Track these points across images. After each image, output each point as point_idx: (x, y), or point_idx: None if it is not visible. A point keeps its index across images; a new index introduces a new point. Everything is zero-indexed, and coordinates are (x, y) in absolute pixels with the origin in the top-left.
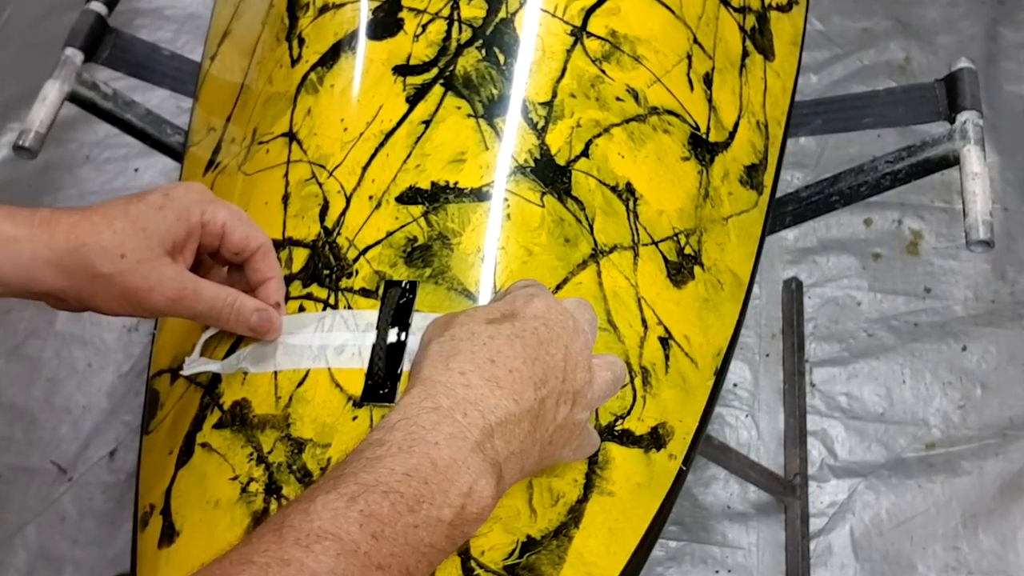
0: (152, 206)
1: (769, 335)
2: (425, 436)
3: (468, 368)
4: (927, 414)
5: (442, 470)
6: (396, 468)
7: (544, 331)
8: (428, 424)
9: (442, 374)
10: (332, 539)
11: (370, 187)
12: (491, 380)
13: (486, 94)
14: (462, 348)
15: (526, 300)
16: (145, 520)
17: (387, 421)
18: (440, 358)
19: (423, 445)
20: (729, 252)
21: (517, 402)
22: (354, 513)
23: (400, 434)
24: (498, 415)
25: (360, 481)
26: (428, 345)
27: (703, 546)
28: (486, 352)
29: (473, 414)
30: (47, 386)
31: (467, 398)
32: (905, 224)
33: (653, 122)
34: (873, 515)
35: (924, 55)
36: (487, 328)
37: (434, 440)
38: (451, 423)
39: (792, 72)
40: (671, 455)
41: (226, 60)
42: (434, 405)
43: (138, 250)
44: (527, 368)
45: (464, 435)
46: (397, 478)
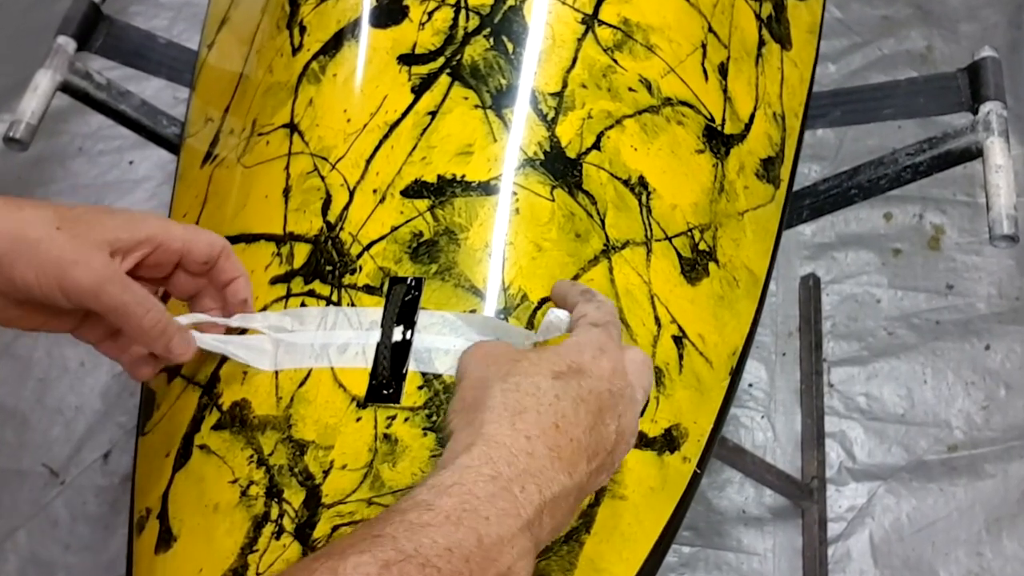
0: (103, 209)
1: (786, 333)
2: (477, 508)
3: (534, 432)
4: (949, 415)
5: (486, 548)
6: (439, 540)
7: (607, 398)
8: (483, 495)
9: (507, 435)
10: None
11: (374, 180)
12: (554, 450)
13: (494, 84)
14: (527, 405)
15: (594, 356)
16: (141, 525)
17: (440, 480)
18: (506, 413)
19: (473, 518)
20: (745, 248)
21: (571, 476)
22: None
23: (452, 501)
24: (553, 491)
25: (398, 547)
26: (489, 389)
27: (718, 552)
28: (551, 415)
29: (531, 488)
30: (38, 386)
31: (528, 469)
32: (926, 218)
33: (667, 113)
34: (893, 520)
35: (946, 44)
36: (553, 385)
37: (485, 515)
38: (507, 498)
39: (810, 61)
40: (685, 458)
41: (224, 48)
42: (493, 473)
43: (75, 229)
44: (585, 438)
45: (518, 512)
46: (438, 552)
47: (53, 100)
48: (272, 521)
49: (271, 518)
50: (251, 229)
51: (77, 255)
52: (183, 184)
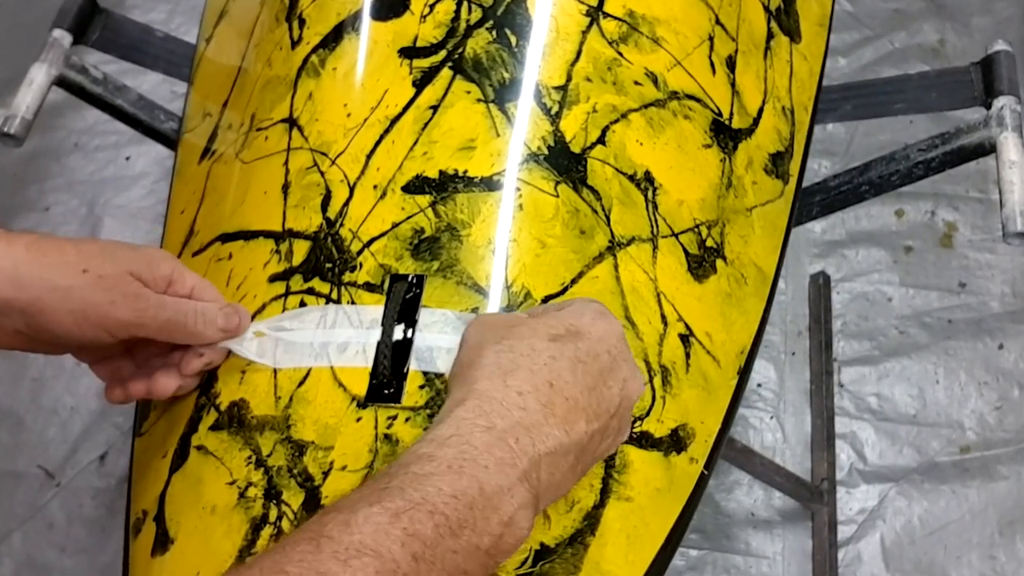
0: (124, 244)
1: (795, 332)
2: (476, 457)
3: (526, 388)
4: (962, 416)
5: (488, 496)
6: (444, 488)
7: (607, 359)
8: (480, 445)
9: (499, 390)
10: (372, 555)
11: (375, 176)
12: (547, 406)
13: (497, 78)
14: (521, 364)
15: (593, 318)
16: (137, 527)
17: (438, 434)
18: (498, 371)
19: (473, 467)
20: (753, 245)
21: (568, 433)
22: (397, 531)
23: (451, 451)
24: (548, 445)
25: (406, 497)
26: (483, 350)
27: (726, 555)
28: (546, 373)
29: (525, 441)
30: (33, 386)
31: (521, 422)
32: (939, 215)
33: (673, 107)
34: (905, 522)
35: (959, 37)
36: (549, 347)
37: (484, 463)
38: (503, 447)
39: (820, 55)
40: (692, 458)
41: (223, 42)
42: (488, 424)
43: (102, 267)
44: (583, 398)
45: (514, 462)
46: (444, 499)
47: (48, 94)
48: (271, 523)
49: (270, 520)
50: (250, 226)
51: (112, 294)
52: (181, 180)
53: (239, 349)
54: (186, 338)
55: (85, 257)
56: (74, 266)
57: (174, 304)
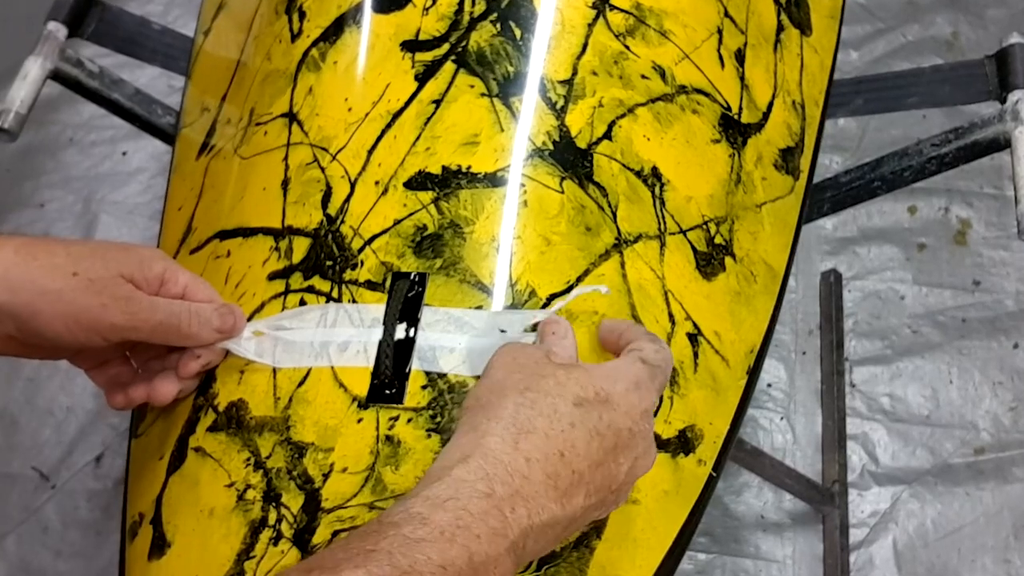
0: (115, 245)
1: (806, 331)
2: (471, 525)
3: (536, 456)
4: (976, 416)
5: (475, 566)
6: (433, 557)
7: (625, 436)
8: (476, 512)
9: (508, 453)
10: None
11: (376, 172)
12: (551, 477)
13: (501, 71)
14: (538, 427)
15: (627, 389)
16: (134, 530)
17: (435, 493)
18: (512, 430)
19: (465, 536)
20: (763, 242)
21: (564, 507)
22: None
23: (447, 516)
24: (543, 518)
25: (394, 563)
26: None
27: (735, 559)
28: (560, 442)
29: (520, 512)
30: (28, 387)
31: (521, 492)
32: (952, 212)
33: (681, 102)
34: (918, 525)
35: (973, 30)
36: (572, 412)
37: (477, 532)
38: (498, 517)
39: (831, 48)
40: (700, 460)
41: (221, 35)
42: (487, 491)
43: (93, 270)
44: (589, 473)
45: (505, 532)
46: (432, 569)
47: (43, 88)
48: (270, 526)
49: (269, 523)
50: (249, 223)
51: (103, 297)
52: (178, 176)
53: (237, 349)
54: (180, 340)
55: (75, 260)
56: (64, 269)
57: (166, 306)
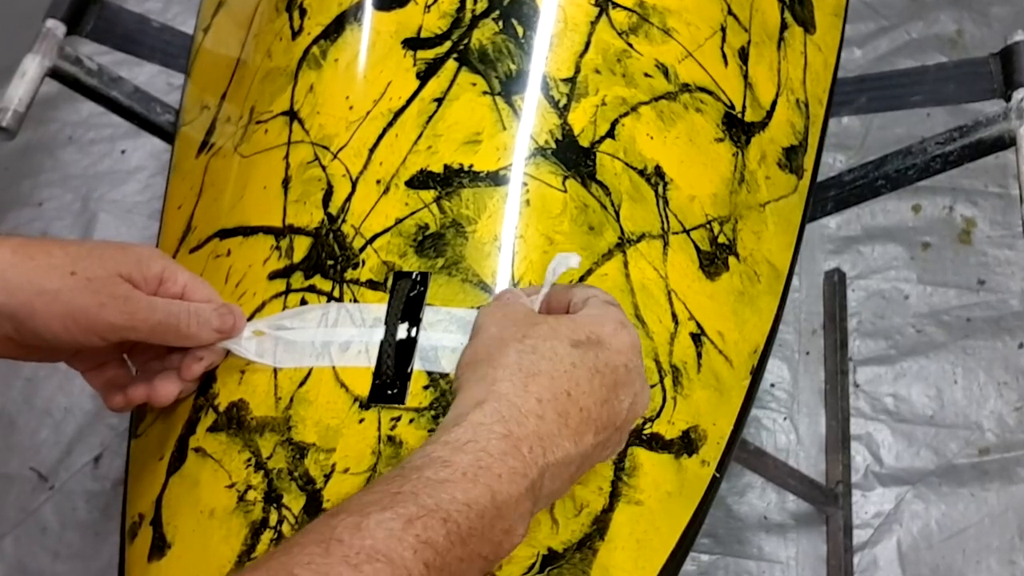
0: (113, 244)
1: (809, 331)
2: (491, 466)
3: (546, 396)
4: (980, 417)
5: (498, 506)
6: (458, 496)
7: (623, 372)
8: (496, 453)
9: (519, 395)
10: (384, 561)
11: (378, 170)
12: (562, 416)
13: (503, 69)
14: (543, 368)
15: (615, 328)
16: (134, 531)
17: (454, 437)
18: (520, 374)
19: (487, 476)
20: (766, 241)
21: (576, 444)
22: (410, 537)
23: (467, 457)
24: (558, 456)
25: (420, 503)
26: (504, 346)
27: (738, 560)
28: (565, 381)
29: (537, 450)
30: (26, 386)
31: (537, 431)
32: (957, 211)
33: (684, 100)
34: (922, 526)
35: (977, 27)
36: (571, 352)
37: (498, 472)
38: (517, 456)
39: (834, 46)
40: (704, 461)
41: (221, 32)
42: (505, 432)
43: (90, 269)
44: (596, 410)
45: (525, 472)
46: (457, 507)
47: (42, 86)
48: (271, 527)
49: (270, 524)
50: (249, 221)
51: (101, 297)
52: (178, 174)
53: (238, 349)
54: (179, 340)
55: (73, 259)
56: (61, 269)
57: (165, 305)
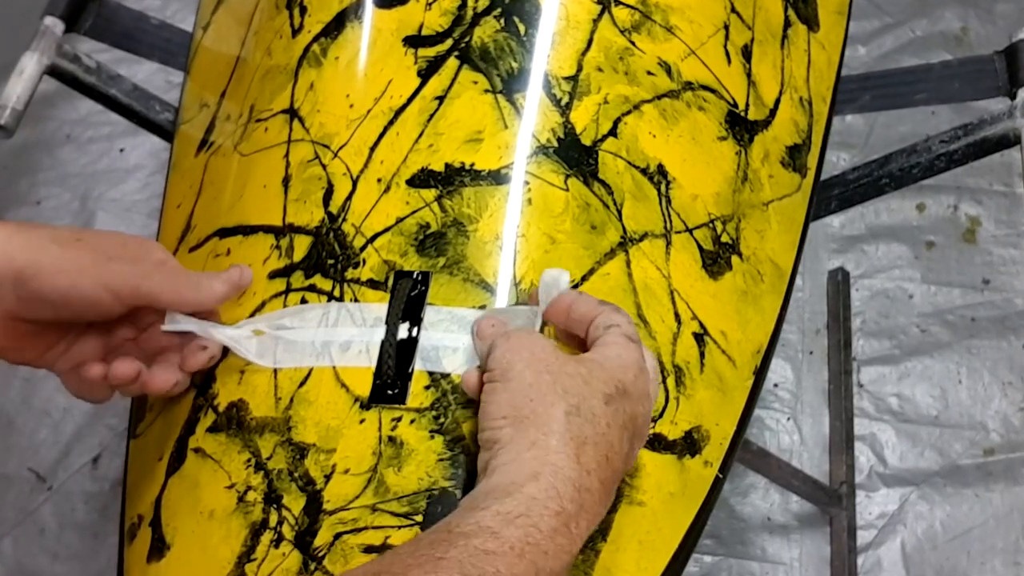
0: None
1: (813, 331)
2: (540, 542)
3: (592, 467)
4: (985, 417)
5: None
6: (502, 570)
7: (641, 424)
8: (546, 530)
9: (574, 469)
10: None
11: (378, 169)
12: (604, 483)
13: (505, 67)
14: (588, 435)
15: (636, 376)
16: (132, 532)
17: (507, 509)
18: (572, 444)
19: (534, 552)
20: (770, 240)
21: (606, 505)
22: None
23: (518, 532)
24: (595, 523)
25: (464, 572)
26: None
27: (741, 561)
28: (605, 447)
29: (583, 525)
30: (24, 386)
31: (584, 506)
32: (961, 209)
33: (687, 98)
34: (926, 527)
35: (982, 25)
36: (606, 412)
37: (545, 549)
38: (565, 534)
39: (838, 43)
40: (707, 462)
41: (220, 30)
42: (558, 509)
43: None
44: (621, 467)
45: (571, 549)
46: None
47: (40, 84)
48: (271, 528)
49: (270, 525)
50: (249, 220)
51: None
52: (177, 173)
53: (238, 348)
54: (192, 293)
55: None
56: (68, 237)
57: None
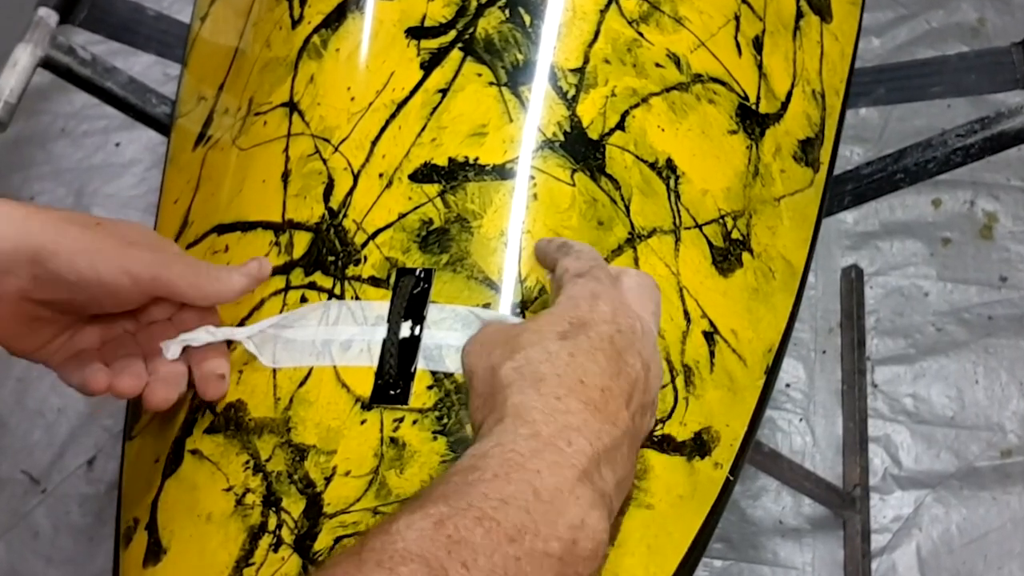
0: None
1: (826, 329)
2: (524, 464)
3: (562, 392)
4: (1003, 418)
5: (546, 500)
6: (490, 494)
7: (619, 339)
8: (527, 451)
9: (535, 399)
10: (419, 562)
11: (380, 164)
12: (587, 404)
13: (510, 59)
14: (545, 372)
15: (591, 304)
16: (128, 536)
17: (478, 448)
18: (526, 383)
19: (522, 472)
20: (781, 236)
21: (616, 425)
22: (442, 537)
23: (495, 461)
24: (603, 442)
25: (450, 504)
26: (497, 373)
27: (752, 566)
28: (573, 373)
29: (580, 442)
30: (17, 387)
31: (569, 424)
32: (978, 205)
33: (697, 91)
34: (942, 531)
35: (1000, 16)
36: (563, 345)
37: (535, 468)
38: (553, 451)
39: (852, 35)
40: (717, 463)
41: (219, 21)
42: (532, 432)
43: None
44: (615, 384)
45: (571, 463)
46: (492, 504)
47: (33, 77)
48: (270, 532)
49: (269, 529)
50: (247, 216)
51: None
52: (174, 168)
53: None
54: (211, 284)
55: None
56: (88, 219)
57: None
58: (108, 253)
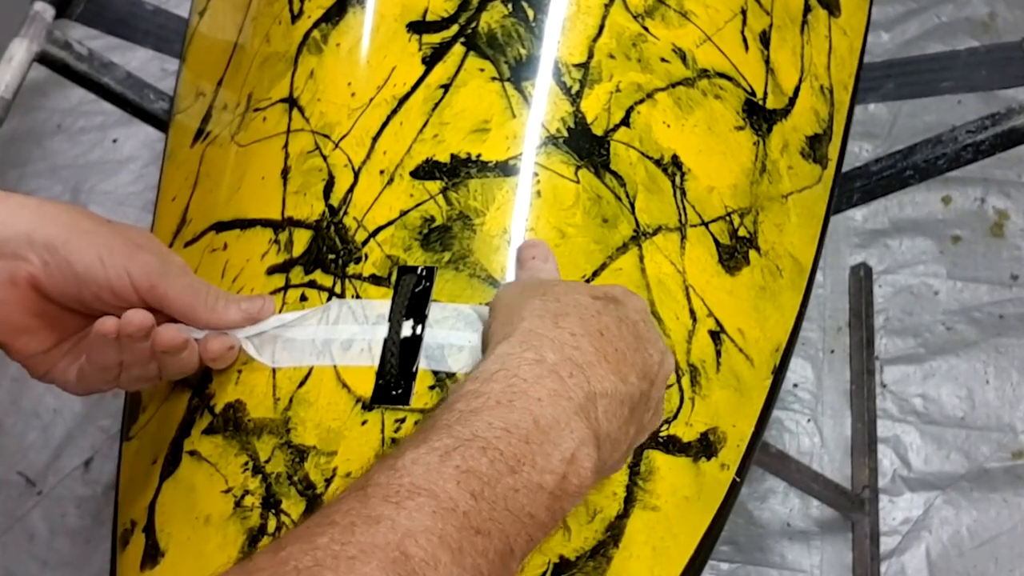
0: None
1: (834, 329)
2: (527, 390)
3: (579, 331)
4: (1014, 418)
5: (544, 430)
6: (494, 422)
7: (644, 328)
8: (530, 377)
9: (549, 329)
10: (426, 495)
11: (381, 160)
12: (599, 351)
13: (513, 54)
14: (571, 312)
15: (625, 291)
16: (125, 538)
17: (482, 371)
18: (547, 314)
19: (524, 399)
20: (789, 234)
21: (623, 382)
22: (449, 468)
23: (498, 385)
24: (604, 386)
25: (455, 435)
26: (526, 302)
27: (759, 568)
28: (595, 323)
29: (579, 376)
30: (13, 387)
31: (573, 359)
32: (989, 202)
33: (703, 86)
34: (952, 533)
35: (1010, 10)
36: (594, 303)
37: (536, 395)
38: (555, 379)
39: (860, 29)
40: (723, 465)
41: (217, 16)
42: (537, 357)
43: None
44: (631, 355)
45: (568, 395)
46: (496, 433)
47: (29, 72)
48: (269, 534)
49: (268, 531)
50: (246, 214)
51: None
52: (172, 164)
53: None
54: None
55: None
56: (97, 216)
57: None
58: (116, 250)
